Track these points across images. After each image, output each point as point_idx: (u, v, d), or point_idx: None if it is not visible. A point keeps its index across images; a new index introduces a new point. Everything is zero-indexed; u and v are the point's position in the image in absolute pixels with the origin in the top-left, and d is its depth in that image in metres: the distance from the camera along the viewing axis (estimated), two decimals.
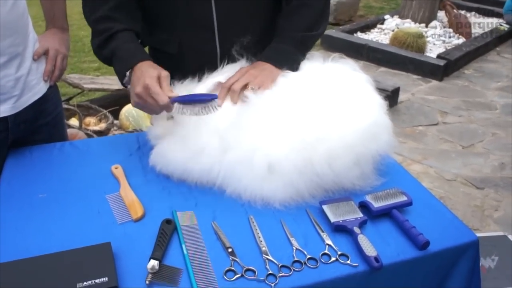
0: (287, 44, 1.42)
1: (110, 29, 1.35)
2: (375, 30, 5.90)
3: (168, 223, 1.14)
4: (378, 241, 1.13)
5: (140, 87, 1.23)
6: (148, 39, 1.56)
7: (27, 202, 1.24)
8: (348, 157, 1.23)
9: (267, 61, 1.39)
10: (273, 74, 1.36)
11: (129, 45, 1.35)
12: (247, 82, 1.32)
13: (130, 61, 1.31)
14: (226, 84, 1.33)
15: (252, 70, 1.35)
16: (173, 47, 1.50)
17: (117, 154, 1.44)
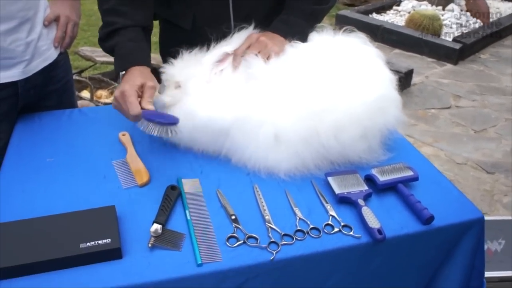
0: (297, 16, 1.41)
1: (114, 24, 1.34)
2: (391, 11, 5.81)
3: (173, 189, 1.14)
4: (382, 214, 1.13)
5: (119, 91, 1.21)
6: (162, 12, 1.55)
7: (34, 166, 1.25)
8: (355, 130, 1.22)
9: (276, 32, 1.38)
10: (282, 44, 1.35)
11: (129, 45, 1.33)
12: (258, 51, 1.31)
13: (124, 63, 1.31)
14: (237, 52, 1.32)
15: (262, 37, 1.34)
16: (188, 22, 1.50)
17: (125, 122, 1.42)
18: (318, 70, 1.26)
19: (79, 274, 0.95)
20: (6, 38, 1.29)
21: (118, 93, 1.22)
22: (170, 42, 1.48)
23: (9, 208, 1.10)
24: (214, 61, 1.32)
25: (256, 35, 1.36)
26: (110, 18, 1.35)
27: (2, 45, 1.29)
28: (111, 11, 1.36)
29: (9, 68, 1.34)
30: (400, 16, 5.66)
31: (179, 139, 1.29)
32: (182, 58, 1.36)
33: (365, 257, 1.08)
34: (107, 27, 1.35)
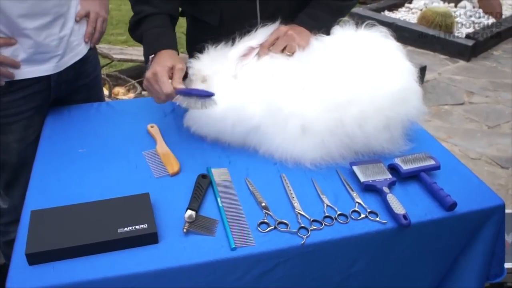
0: (323, 11, 1.45)
1: (142, 12, 1.40)
2: (403, 9, 5.82)
3: (203, 177, 1.18)
4: (406, 201, 1.16)
5: (150, 72, 1.27)
6: (190, 8, 1.60)
7: (67, 156, 1.30)
8: (378, 120, 1.25)
9: (302, 25, 1.42)
10: (308, 39, 1.39)
11: (156, 30, 1.39)
12: (286, 44, 1.35)
13: (153, 47, 1.36)
14: (265, 44, 1.36)
15: (290, 31, 1.38)
16: (215, 19, 1.54)
17: (152, 115, 1.49)
18: (342, 63, 1.29)
19: (117, 257, 0.99)
20: (41, 33, 1.34)
21: (149, 74, 1.27)
22: (197, 38, 1.51)
23: (46, 196, 1.15)
24: (239, 55, 1.36)
25: (284, 28, 1.39)
26: (139, 7, 1.41)
27: (37, 39, 1.34)
28: (140, 0, 1.41)
29: (43, 62, 1.39)
30: (412, 13, 5.67)
31: (206, 133, 1.34)
32: (208, 53, 1.40)
33: (390, 242, 1.12)
34: (135, 16, 1.42)
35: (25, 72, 1.37)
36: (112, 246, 1.01)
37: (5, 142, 1.43)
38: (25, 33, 1.32)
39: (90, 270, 0.96)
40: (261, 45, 1.37)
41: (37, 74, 1.39)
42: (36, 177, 1.22)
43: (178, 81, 1.26)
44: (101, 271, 0.96)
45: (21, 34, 1.32)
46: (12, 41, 1.32)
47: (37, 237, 1.00)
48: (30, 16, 1.30)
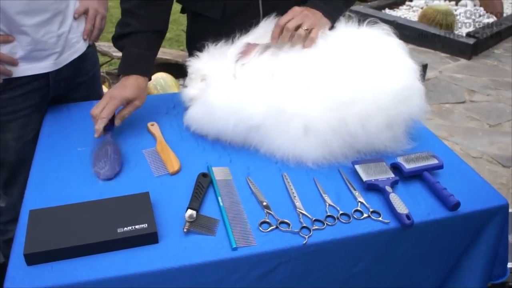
0: None
1: (128, 26, 1.39)
2: (404, 7, 5.80)
3: (204, 176, 1.17)
4: (409, 201, 1.15)
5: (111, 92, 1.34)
6: (191, 4, 1.58)
7: (66, 155, 1.29)
8: (381, 119, 1.24)
9: (316, 8, 1.39)
10: (322, 21, 1.37)
11: (136, 51, 1.39)
12: (301, 22, 1.32)
13: (127, 68, 1.38)
14: (280, 22, 1.33)
15: (305, 10, 1.35)
16: (217, 13, 1.52)
17: (153, 113, 1.48)
18: (345, 61, 1.28)
19: (117, 258, 0.98)
20: (39, 30, 1.32)
21: (110, 93, 1.32)
22: (199, 34, 1.51)
23: (45, 195, 1.14)
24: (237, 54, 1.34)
25: (300, 8, 1.36)
26: (127, 19, 1.40)
27: (35, 37, 1.32)
28: (129, 12, 1.40)
29: (41, 59, 1.37)
30: (413, 11, 5.65)
31: (207, 132, 1.32)
32: (208, 51, 1.39)
33: (393, 242, 1.11)
34: (121, 27, 1.41)
35: (23, 69, 1.36)
36: (112, 246, 1.00)
37: (3, 140, 1.41)
38: (23, 30, 1.30)
39: (90, 271, 0.95)
40: (277, 25, 1.33)
41: (36, 71, 1.38)
42: (35, 176, 1.21)
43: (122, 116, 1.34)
44: (101, 271, 0.95)
45: (19, 31, 1.30)
46: (10, 38, 1.30)
47: (35, 237, 0.99)
48: (28, 13, 1.29)
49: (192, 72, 1.40)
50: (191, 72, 1.40)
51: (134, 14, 1.40)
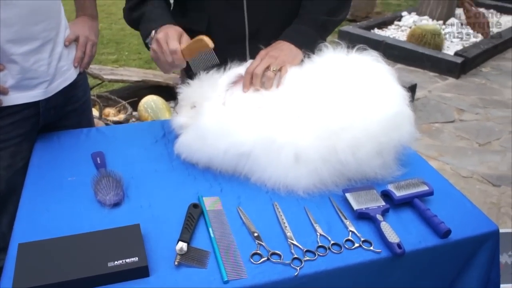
0: (308, 25, 1.45)
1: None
2: (392, 26, 5.88)
3: (195, 207, 1.16)
4: (400, 229, 1.15)
5: (161, 33, 1.33)
6: (180, 20, 1.60)
7: (56, 185, 1.28)
8: (371, 146, 1.24)
9: (286, 40, 1.42)
10: (292, 53, 1.39)
11: (159, 10, 1.46)
12: (269, 64, 1.34)
13: (157, 22, 1.41)
14: (248, 70, 1.35)
15: (272, 51, 1.38)
16: (203, 25, 1.54)
17: (143, 140, 1.48)
18: (334, 88, 1.29)
19: None
20: (29, 58, 1.32)
21: (160, 35, 1.33)
22: None
23: (35, 227, 1.13)
24: (228, 82, 1.35)
25: (265, 51, 1.39)
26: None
27: (25, 65, 1.32)
28: None
29: (31, 88, 1.37)
30: (401, 31, 5.73)
31: (197, 159, 1.32)
32: (198, 78, 1.39)
33: (385, 271, 1.10)
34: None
35: (14, 98, 1.36)
36: (102, 281, 0.98)
37: None
38: (13, 59, 1.30)
39: None
40: (246, 72, 1.36)
41: (26, 100, 1.38)
42: (24, 207, 1.20)
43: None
44: None
45: (9, 60, 1.30)
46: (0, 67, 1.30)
47: (24, 272, 0.97)
48: (17, 41, 1.29)
49: (182, 99, 1.41)
50: (182, 99, 1.41)
51: None
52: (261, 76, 1.33)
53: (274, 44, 1.41)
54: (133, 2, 1.46)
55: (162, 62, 1.34)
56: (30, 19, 1.28)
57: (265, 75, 1.33)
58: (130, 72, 3.72)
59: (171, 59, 1.31)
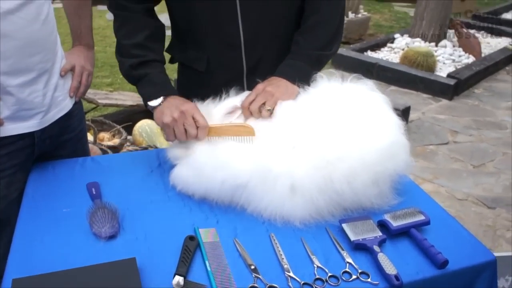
0: (303, 61, 1.46)
1: (145, 56, 1.44)
2: (385, 48, 5.94)
3: (191, 239, 1.16)
4: (397, 259, 1.14)
5: (186, 106, 1.32)
6: (179, 55, 1.64)
7: (51, 217, 1.26)
8: (367, 176, 1.25)
9: (282, 76, 1.43)
10: (288, 90, 1.40)
11: (164, 76, 1.45)
12: (264, 101, 1.35)
13: (167, 89, 1.41)
14: (244, 104, 1.36)
15: (268, 87, 1.38)
16: (202, 65, 1.57)
17: (138, 170, 1.47)
18: (330, 118, 1.29)
19: None
20: (24, 90, 1.32)
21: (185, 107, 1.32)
22: (187, 84, 1.61)
23: (29, 261, 1.11)
24: (224, 114, 1.36)
25: (262, 85, 1.40)
26: (139, 51, 1.45)
27: (20, 96, 1.32)
28: (140, 46, 1.45)
29: (27, 119, 1.37)
30: (394, 53, 5.78)
31: (193, 191, 1.32)
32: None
33: None
34: (137, 57, 1.44)
35: (9, 129, 1.35)
36: None
37: None
38: (8, 91, 1.30)
39: None
40: (241, 106, 1.37)
41: (21, 131, 1.37)
42: (19, 240, 1.18)
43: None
44: None
45: (4, 91, 1.30)
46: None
47: None
48: (13, 73, 1.29)
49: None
50: None
51: (146, 46, 1.45)
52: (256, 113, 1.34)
53: (270, 79, 1.42)
54: (135, 62, 1.44)
55: (179, 131, 1.32)
56: (26, 51, 1.29)
57: (260, 111, 1.34)
58: (124, 96, 3.73)
59: (195, 133, 1.30)
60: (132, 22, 1.47)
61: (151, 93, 1.41)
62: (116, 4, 1.48)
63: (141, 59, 1.43)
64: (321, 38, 1.48)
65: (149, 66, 1.44)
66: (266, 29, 1.50)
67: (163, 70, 1.46)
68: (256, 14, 1.46)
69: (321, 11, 1.47)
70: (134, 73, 1.45)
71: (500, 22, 7.16)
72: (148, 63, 1.44)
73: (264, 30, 1.50)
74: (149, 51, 1.45)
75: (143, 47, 1.44)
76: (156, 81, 1.42)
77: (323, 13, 1.48)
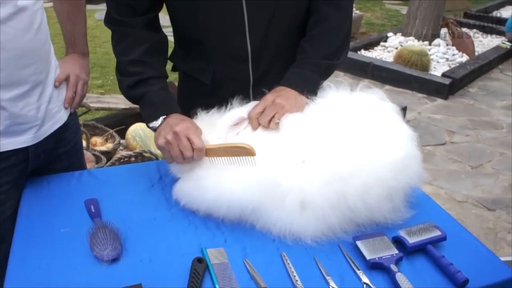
0: (311, 70, 1.40)
1: (143, 73, 1.36)
2: (379, 47, 5.90)
3: (199, 262, 1.09)
4: (415, 278, 1.09)
5: (180, 127, 1.24)
6: (183, 65, 1.57)
7: (49, 238, 1.19)
8: (381, 191, 1.19)
9: (291, 86, 1.37)
10: (297, 102, 1.33)
11: (164, 93, 1.37)
12: (274, 113, 1.29)
13: (165, 108, 1.33)
14: (251, 115, 1.30)
15: (278, 99, 1.31)
16: (208, 77, 1.50)
17: (139, 185, 1.40)
18: (340, 131, 1.24)
19: None
20: (17, 103, 1.25)
21: (180, 128, 1.24)
22: (190, 93, 1.53)
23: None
24: (230, 125, 1.29)
25: (271, 96, 1.33)
26: (137, 68, 1.37)
27: (13, 111, 1.25)
28: (137, 62, 1.37)
29: (20, 134, 1.29)
30: (388, 52, 5.75)
31: (198, 207, 1.25)
32: (198, 119, 1.34)
33: None
34: (135, 75, 1.36)
35: (2, 144, 1.28)
36: None
37: None
38: (0, 105, 1.23)
39: None
40: (249, 117, 1.31)
41: (15, 146, 1.30)
42: (14, 264, 1.11)
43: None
44: None
45: None
46: None
47: None
48: (5, 86, 1.21)
49: None
50: None
51: (143, 63, 1.38)
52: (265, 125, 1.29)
53: (279, 90, 1.36)
54: (132, 81, 1.36)
55: (175, 154, 1.25)
56: (19, 63, 1.21)
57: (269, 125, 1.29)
58: (116, 100, 3.65)
59: (190, 155, 1.23)
60: (129, 38, 1.39)
61: (150, 114, 1.34)
62: (112, 19, 1.41)
63: (138, 78, 1.35)
64: (330, 47, 1.41)
65: (147, 84, 1.36)
66: (273, 40, 1.44)
67: (163, 86, 1.38)
68: (264, 26, 1.40)
69: (330, 18, 1.41)
70: (133, 93, 1.37)
71: (492, 20, 7.15)
72: (147, 81, 1.36)
73: (271, 42, 1.44)
74: (147, 67, 1.37)
75: (140, 64, 1.37)
76: (155, 100, 1.35)
77: (333, 21, 1.41)
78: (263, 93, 1.38)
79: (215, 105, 1.36)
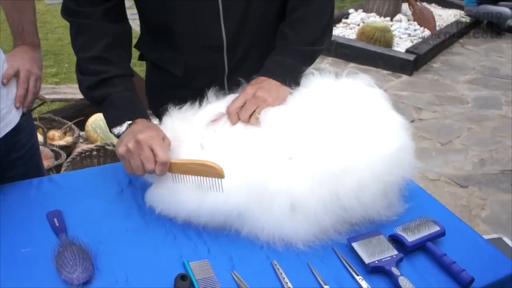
0: (293, 58, 1.28)
1: (104, 72, 1.21)
2: (340, 24, 5.81)
3: (182, 279, 0.97)
4: (417, 279, 1.03)
5: (144, 135, 1.09)
6: (151, 54, 1.43)
7: (7, 260, 1.04)
8: (376, 187, 1.11)
9: (272, 75, 1.25)
10: (280, 94, 1.22)
11: (128, 94, 1.22)
12: (255, 108, 1.17)
13: (131, 112, 1.18)
14: (230, 110, 1.18)
15: (259, 92, 1.19)
16: (179, 69, 1.37)
17: (106, 190, 1.26)
18: (328, 122, 1.14)
19: None
20: None
21: (142, 136, 1.09)
22: (159, 85, 1.41)
23: None
24: (207, 122, 1.17)
25: (251, 89, 1.21)
26: (97, 66, 1.22)
27: None
28: (97, 59, 1.22)
29: None
30: (350, 29, 5.67)
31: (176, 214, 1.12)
32: (170, 116, 1.21)
33: None
34: (95, 74, 1.21)
35: None
36: None
37: None
38: None
39: None
40: (228, 112, 1.18)
41: None
42: None
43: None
44: None
45: None
46: None
47: None
48: None
49: None
50: None
51: (104, 60, 1.22)
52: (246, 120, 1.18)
53: (259, 81, 1.23)
54: (93, 81, 1.20)
55: (135, 165, 1.10)
56: None
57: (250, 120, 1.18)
58: (73, 89, 3.44)
59: (152, 167, 1.08)
60: (88, 31, 1.23)
61: (113, 119, 1.19)
62: (68, 10, 1.25)
63: (100, 77, 1.20)
64: (313, 32, 1.30)
65: (110, 85, 1.21)
66: (249, 27, 1.31)
67: (128, 87, 1.23)
68: (239, 14, 1.28)
69: (312, 1, 1.29)
70: (94, 94, 1.22)
71: None
72: (109, 81, 1.21)
73: (247, 30, 1.32)
74: (110, 65, 1.22)
75: (102, 61, 1.22)
76: (119, 103, 1.20)
77: (315, 4, 1.29)
78: (239, 82, 1.26)
79: (187, 97, 1.23)
